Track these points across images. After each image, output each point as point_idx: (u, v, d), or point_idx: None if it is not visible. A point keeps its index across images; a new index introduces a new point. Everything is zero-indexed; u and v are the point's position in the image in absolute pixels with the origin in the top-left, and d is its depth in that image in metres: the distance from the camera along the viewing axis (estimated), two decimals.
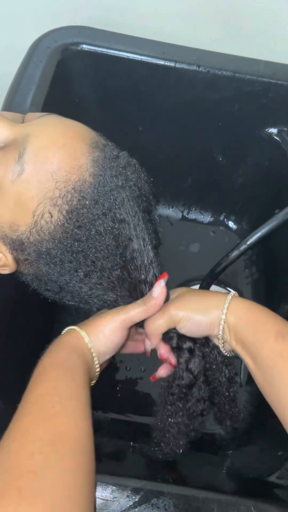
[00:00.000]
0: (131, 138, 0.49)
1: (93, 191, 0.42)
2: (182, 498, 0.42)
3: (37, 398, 0.39)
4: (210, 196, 0.90)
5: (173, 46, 0.70)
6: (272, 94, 0.70)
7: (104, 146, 0.45)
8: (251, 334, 0.44)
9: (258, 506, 0.43)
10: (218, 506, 0.42)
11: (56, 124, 0.44)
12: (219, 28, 0.79)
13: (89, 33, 0.70)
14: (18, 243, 0.43)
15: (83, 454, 0.36)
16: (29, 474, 0.32)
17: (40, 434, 0.35)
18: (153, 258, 0.48)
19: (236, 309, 0.46)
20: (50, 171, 0.41)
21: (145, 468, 0.55)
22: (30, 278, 0.47)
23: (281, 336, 0.42)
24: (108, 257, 0.44)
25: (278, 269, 0.81)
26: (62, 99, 0.69)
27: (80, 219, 0.41)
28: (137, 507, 0.41)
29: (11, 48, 0.75)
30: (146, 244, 0.46)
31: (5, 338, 0.58)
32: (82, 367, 0.44)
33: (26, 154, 0.41)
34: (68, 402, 0.39)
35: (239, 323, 0.46)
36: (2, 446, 0.35)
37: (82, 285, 0.46)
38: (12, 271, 0.46)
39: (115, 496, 0.42)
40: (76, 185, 0.41)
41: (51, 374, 0.42)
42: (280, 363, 0.41)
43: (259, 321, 0.45)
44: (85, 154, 0.42)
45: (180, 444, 0.50)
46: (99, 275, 0.45)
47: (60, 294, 0.48)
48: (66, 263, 0.43)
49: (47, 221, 0.41)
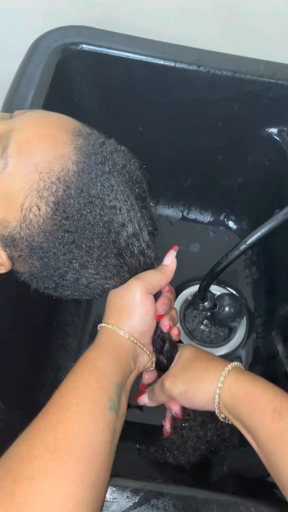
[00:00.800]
0: (131, 138, 0.48)
1: (77, 179, 0.41)
2: (182, 498, 0.42)
3: (58, 398, 0.38)
4: (210, 196, 0.90)
5: (173, 46, 0.70)
6: (272, 94, 0.70)
7: (89, 134, 0.44)
8: (247, 415, 0.43)
9: (258, 506, 0.43)
10: (218, 506, 0.42)
11: (39, 117, 0.44)
12: (219, 28, 0.78)
13: (89, 33, 0.69)
14: (10, 239, 0.42)
15: (90, 465, 0.34)
16: (25, 480, 0.31)
17: (47, 439, 0.34)
18: (150, 242, 0.47)
19: (231, 386, 0.45)
20: (33, 162, 0.40)
21: (145, 468, 0.55)
22: (27, 276, 0.47)
23: (278, 414, 0.41)
24: (101, 246, 0.43)
25: (278, 269, 0.81)
26: (62, 99, 0.69)
27: (68, 209, 0.41)
28: (137, 507, 0.41)
29: (11, 48, 0.75)
30: (142, 229, 0.45)
31: (5, 338, 0.58)
32: (111, 366, 0.42)
33: (10, 148, 0.40)
34: (84, 406, 0.37)
35: (234, 403, 0.44)
36: (15, 445, 0.35)
37: (79, 277, 0.45)
38: (7, 270, 0.45)
39: (115, 497, 0.42)
40: (60, 175, 0.40)
41: (76, 374, 0.41)
42: (279, 446, 0.39)
43: (254, 398, 0.43)
44: (67, 143, 0.42)
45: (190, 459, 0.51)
46: (95, 265, 0.44)
47: (59, 290, 0.47)
48: (60, 255, 0.42)
49: (35, 214, 0.40)
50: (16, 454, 0.34)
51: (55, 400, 0.38)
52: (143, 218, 0.46)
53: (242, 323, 0.82)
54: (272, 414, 0.41)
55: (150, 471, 0.55)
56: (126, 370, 0.44)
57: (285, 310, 0.72)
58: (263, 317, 0.81)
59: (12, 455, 0.34)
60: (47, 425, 0.36)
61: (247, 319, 0.83)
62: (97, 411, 0.37)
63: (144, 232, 0.46)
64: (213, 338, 0.82)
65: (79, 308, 0.82)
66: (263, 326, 0.80)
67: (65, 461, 0.33)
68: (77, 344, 0.79)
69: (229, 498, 0.43)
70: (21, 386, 0.63)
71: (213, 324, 0.83)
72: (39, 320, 0.73)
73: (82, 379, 0.40)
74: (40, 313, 0.72)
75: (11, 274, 0.47)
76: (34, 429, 0.36)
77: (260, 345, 0.80)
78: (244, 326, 0.82)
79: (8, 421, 0.53)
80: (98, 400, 0.38)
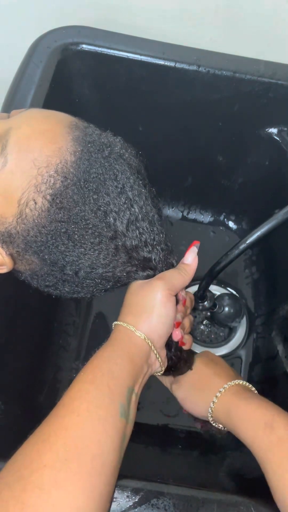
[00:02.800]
0: (131, 138, 0.48)
1: (75, 168, 0.41)
2: (182, 498, 0.42)
3: (70, 400, 0.37)
4: (210, 196, 0.90)
5: (173, 46, 0.70)
6: (272, 94, 0.70)
7: (86, 127, 0.44)
8: (241, 430, 0.46)
9: (258, 506, 0.43)
10: (218, 506, 0.42)
11: (36, 115, 0.44)
12: (219, 28, 0.79)
13: (89, 33, 0.70)
14: (6, 235, 0.42)
15: (99, 475, 0.33)
16: (35, 489, 0.31)
17: (57, 446, 0.33)
18: (155, 220, 0.46)
19: (226, 403, 0.48)
20: (32, 158, 0.40)
21: (145, 468, 0.55)
22: (29, 274, 0.47)
23: (269, 427, 0.43)
24: (95, 232, 0.42)
25: (278, 269, 0.81)
26: (62, 99, 0.69)
27: (64, 200, 0.40)
28: (137, 507, 0.41)
29: (11, 48, 0.75)
30: (145, 206, 0.44)
31: (5, 338, 0.58)
32: (125, 369, 0.41)
33: (9, 146, 0.41)
34: (95, 412, 0.36)
35: (228, 418, 0.47)
36: (25, 447, 0.34)
37: (78, 269, 0.44)
38: (9, 269, 0.45)
39: (115, 497, 0.42)
40: (58, 168, 0.40)
41: (88, 375, 0.40)
42: (270, 457, 0.42)
43: (247, 414, 0.46)
44: (64, 136, 0.42)
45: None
46: (90, 254, 0.43)
47: (59, 286, 0.46)
48: (53, 248, 0.42)
49: (31, 208, 0.40)
50: (25, 459, 0.33)
51: (66, 402, 0.37)
52: (143, 199, 0.45)
53: (242, 323, 0.82)
54: (264, 428, 0.43)
55: (150, 470, 0.55)
56: (139, 373, 0.43)
57: (285, 310, 0.72)
58: (263, 317, 0.81)
59: (22, 459, 0.33)
60: (57, 430, 0.35)
61: (247, 319, 0.83)
62: (108, 419, 0.37)
63: (147, 211, 0.45)
64: (213, 338, 0.82)
65: (79, 308, 0.82)
66: (263, 326, 0.80)
67: (75, 472, 0.32)
68: (77, 344, 0.79)
69: (229, 498, 0.43)
70: (21, 386, 0.63)
71: (213, 324, 0.83)
72: (39, 320, 0.73)
73: (94, 381, 0.39)
74: (40, 313, 0.72)
75: (11, 275, 0.47)
76: (44, 433, 0.35)
77: (260, 345, 0.80)
78: (244, 326, 0.82)
79: (8, 421, 0.54)
80: (109, 407, 0.37)
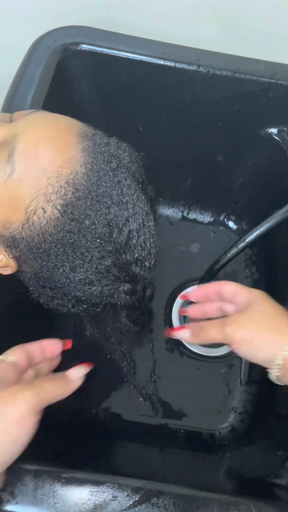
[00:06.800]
0: (131, 138, 0.48)
1: (86, 180, 0.41)
2: (183, 497, 0.42)
3: None
4: (210, 196, 0.90)
5: (173, 46, 0.70)
6: (272, 94, 0.70)
7: (93, 135, 0.45)
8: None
9: (258, 506, 0.43)
10: (218, 506, 0.42)
11: (44, 120, 0.44)
12: (219, 28, 0.79)
13: (89, 33, 0.69)
14: (11, 240, 0.43)
15: None
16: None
17: None
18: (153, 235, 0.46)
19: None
20: (41, 167, 0.40)
21: (145, 468, 0.55)
22: (29, 277, 0.47)
23: None
24: (101, 245, 0.42)
25: (278, 269, 0.81)
26: (62, 99, 0.69)
27: (76, 212, 0.41)
28: (137, 506, 0.41)
29: (11, 48, 0.75)
30: (147, 222, 0.45)
31: (5, 339, 0.58)
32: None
33: (16, 153, 0.40)
34: None
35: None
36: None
37: (70, 281, 0.44)
38: (13, 271, 0.46)
39: (116, 495, 0.42)
40: (69, 179, 0.40)
41: None
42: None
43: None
44: (75, 145, 0.42)
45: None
46: (86, 267, 0.43)
47: (53, 293, 0.47)
48: (59, 256, 0.42)
49: (39, 216, 0.40)
50: None
51: None
52: (144, 214, 0.45)
53: None
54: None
55: (150, 470, 0.55)
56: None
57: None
58: None
59: None
60: None
61: None
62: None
63: (149, 222, 0.45)
64: None
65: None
66: None
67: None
68: (76, 344, 0.78)
69: (229, 497, 0.43)
70: None
71: None
72: (39, 320, 0.73)
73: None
74: (40, 314, 0.72)
75: (11, 275, 0.48)
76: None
77: None
78: None
79: None
80: None
